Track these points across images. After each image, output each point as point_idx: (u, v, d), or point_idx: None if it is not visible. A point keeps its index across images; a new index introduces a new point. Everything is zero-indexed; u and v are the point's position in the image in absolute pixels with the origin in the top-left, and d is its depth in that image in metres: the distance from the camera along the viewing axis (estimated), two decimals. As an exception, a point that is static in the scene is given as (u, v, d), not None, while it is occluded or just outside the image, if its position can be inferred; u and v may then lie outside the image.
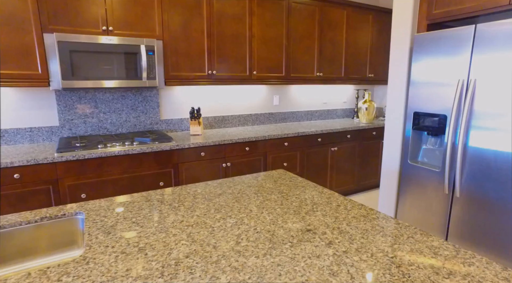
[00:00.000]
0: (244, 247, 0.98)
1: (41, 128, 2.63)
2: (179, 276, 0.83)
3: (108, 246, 0.98)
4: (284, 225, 1.13)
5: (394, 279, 0.82)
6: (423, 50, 1.99)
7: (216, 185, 1.55)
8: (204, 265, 0.88)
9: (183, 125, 3.20)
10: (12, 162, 2.05)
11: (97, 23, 2.43)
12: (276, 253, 0.95)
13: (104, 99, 2.81)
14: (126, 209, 1.27)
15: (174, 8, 2.68)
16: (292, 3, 3.24)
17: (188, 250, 0.96)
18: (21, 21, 2.20)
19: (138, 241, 1.01)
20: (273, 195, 1.42)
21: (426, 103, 2.02)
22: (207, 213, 1.23)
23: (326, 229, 1.10)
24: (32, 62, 2.27)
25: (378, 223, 1.15)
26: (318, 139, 3.32)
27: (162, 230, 1.09)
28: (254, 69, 3.13)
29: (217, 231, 1.08)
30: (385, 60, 4.06)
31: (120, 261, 0.90)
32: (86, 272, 0.85)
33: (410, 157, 2.17)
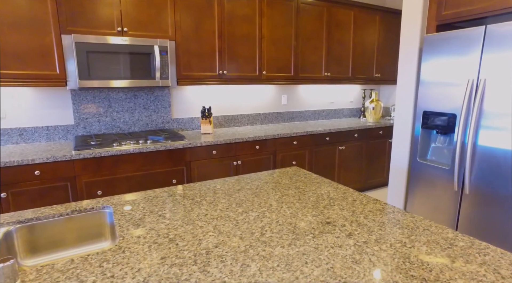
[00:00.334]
0: (269, 238, 1.03)
1: (57, 127, 2.69)
2: (212, 264, 0.89)
3: (140, 237, 1.04)
4: (305, 218, 1.18)
5: (414, 267, 0.87)
6: (433, 50, 2.04)
7: (234, 181, 1.60)
8: (233, 254, 0.93)
9: (194, 124, 3.26)
10: (33, 159, 2.12)
11: (112, 24, 2.49)
12: (300, 243, 1.00)
13: (118, 99, 2.88)
14: (151, 203, 1.33)
15: (186, 9, 2.73)
16: (301, 3, 3.29)
17: (217, 241, 1.01)
18: (41, 23, 2.26)
19: (167, 233, 1.07)
20: (290, 191, 1.47)
21: (435, 102, 2.06)
22: (229, 207, 1.28)
23: (344, 222, 1.15)
24: (50, 63, 2.34)
25: (393, 216, 1.20)
26: (326, 138, 3.37)
27: (189, 222, 1.15)
28: (264, 69, 3.19)
29: (241, 223, 1.14)
30: (391, 60, 4.10)
31: (153, 250, 0.96)
32: (124, 260, 0.91)
33: (419, 155, 2.22)
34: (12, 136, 2.55)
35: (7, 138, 2.53)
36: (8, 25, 2.17)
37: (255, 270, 0.86)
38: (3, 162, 2.04)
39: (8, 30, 2.17)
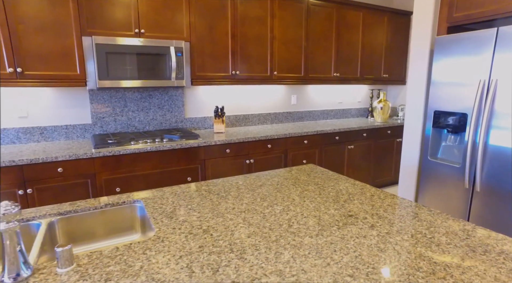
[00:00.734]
0: (296, 229, 1.10)
1: (75, 126, 2.77)
2: (247, 252, 0.95)
3: (175, 228, 1.11)
4: (327, 211, 1.24)
5: (436, 255, 0.93)
6: (444, 51, 2.09)
7: (254, 178, 1.67)
8: (266, 243, 1.00)
9: (206, 123, 3.33)
10: (56, 157, 2.19)
11: (130, 26, 2.56)
12: (327, 233, 1.07)
13: (133, 98, 2.95)
14: (179, 198, 1.40)
15: (201, 11, 2.80)
16: (311, 5, 3.35)
17: (248, 232, 1.08)
18: (64, 26, 2.34)
19: (200, 224, 1.14)
20: (310, 186, 1.54)
21: (446, 102, 2.12)
22: (254, 201, 1.35)
23: (366, 215, 1.21)
24: (71, 64, 2.42)
25: (411, 210, 1.26)
26: (336, 137, 3.43)
27: (218, 215, 1.21)
28: (275, 70, 3.25)
29: (268, 216, 1.20)
30: (399, 61, 4.15)
31: (190, 240, 1.02)
32: (164, 248, 0.97)
33: (430, 154, 2.27)
34: (34, 134, 2.63)
35: (29, 136, 2.61)
36: (34, 28, 2.25)
37: (289, 257, 0.93)
38: (28, 159, 2.11)
39: (33, 33, 2.25)
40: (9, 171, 2.09)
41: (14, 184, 2.12)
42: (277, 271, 0.86)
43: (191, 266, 0.88)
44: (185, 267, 0.87)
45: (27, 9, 2.22)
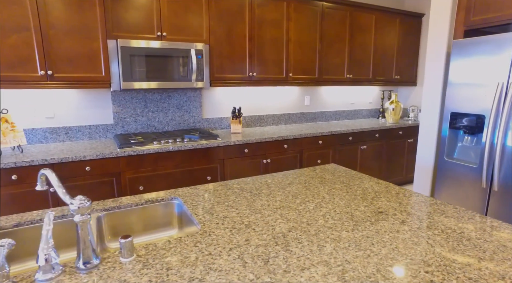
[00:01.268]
0: (332, 224, 1.17)
1: (98, 126, 2.86)
2: (291, 245, 1.02)
3: (218, 223, 1.18)
4: (358, 208, 1.31)
5: (468, 249, 1.00)
6: (462, 54, 2.15)
7: (281, 176, 1.74)
8: (307, 237, 1.07)
9: (223, 123, 3.41)
10: (84, 156, 2.28)
11: (153, 29, 2.65)
12: (362, 228, 1.14)
13: (153, 99, 3.03)
14: (214, 195, 1.47)
15: (220, 14, 2.88)
16: (325, 8, 3.42)
17: (288, 226, 1.15)
18: (91, 29, 2.42)
19: (241, 220, 1.21)
20: (337, 185, 1.60)
21: (463, 104, 2.18)
22: (286, 199, 1.42)
23: (395, 211, 1.28)
24: (97, 66, 2.50)
25: (438, 207, 1.33)
26: (349, 138, 3.49)
27: (256, 211, 1.29)
28: (290, 71, 3.32)
29: (303, 212, 1.28)
30: (410, 62, 4.21)
31: (235, 234, 1.10)
32: (213, 241, 1.05)
33: (446, 154, 2.33)
34: (60, 134, 2.72)
35: (55, 136, 2.70)
36: (63, 32, 2.34)
37: (331, 249, 1.00)
38: (59, 158, 2.20)
39: (63, 37, 2.34)
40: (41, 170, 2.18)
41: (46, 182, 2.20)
42: (323, 262, 0.93)
43: (242, 257, 0.95)
44: (237, 258, 0.94)
45: (58, 15, 2.30)
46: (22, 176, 2.13)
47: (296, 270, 0.88)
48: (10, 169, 2.10)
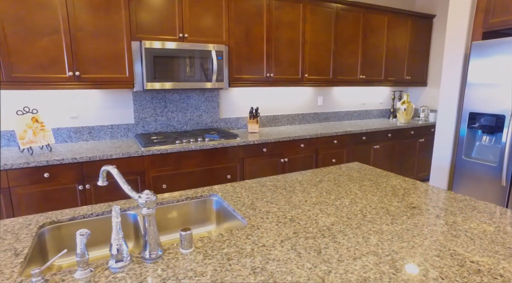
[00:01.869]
0: (371, 218, 1.23)
1: (119, 126, 2.92)
2: (338, 237, 1.08)
3: (263, 218, 1.24)
4: (391, 204, 1.37)
5: (506, 241, 1.06)
6: (481, 56, 2.21)
7: (310, 174, 1.80)
8: (350, 230, 1.13)
9: (239, 123, 3.47)
10: (111, 155, 2.34)
11: (175, 31, 2.71)
12: (400, 222, 1.19)
13: (172, 99, 3.10)
14: (250, 192, 1.53)
15: (239, 17, 2.94)
16: (340, 10, 3.48)
17: (330, 221, 1.21)
18: (116, 31, 2.49)
19: (284, 214, 1.27)
20: (365, 182, 1.66)
21: (482, 104, 2.24)
22: (321, 195, 1.48)
23: (427, 207, 1.34)
24: (121, 67, 2.56)
25: (468, 203, 1.39)
26: (363, 138, 3.55)
27: (295, 207, 1.35)
28: (306, 72, 3.38)
29: (341, 207, 1.33)
30: (421, 63, 4.26)
31: (282, 227, 1.16)
32: (263, 234, 1.11)
33: (464, 153, 2.39)
34: (83, 134, 2.78)
35: (78, 135, 2.77)
36: (90, 34, 2.40)
37: (376, 241, 1.06)
38: (87, 156, 2.26)
39: (90, 39, 2.40)
40: (71, 168, 2.24)
41: (75, 180, 2.27)
42: (372, 252, 0.99)
43: (295, 248, 1.01)
44: (291, 249, 1.00)
45: (86, 18, 2.37)
46: (53, 174, 2.19)
47: (349, 259, 0.94)
48: (43, 167, 2.16)
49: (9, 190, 2.09)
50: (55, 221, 1.22)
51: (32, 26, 2.23)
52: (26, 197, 2.15)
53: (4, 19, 2.14)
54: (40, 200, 2.18)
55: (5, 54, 2.17)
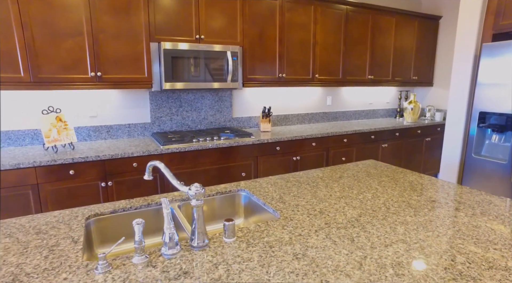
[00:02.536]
0: (395, 211, 1.31)
1: (137, 125, 3.00)
2: (367, 227, 1.16)
3: (293, 210, 1.33)
4: (412, 198, 1.45)
5: (523, 231, 1.14)
6: (491, 57, 2.29)
7: (329, 171, 1.88)
8: (377, 221, 1.21)
9: (251, 122, 3.55)
10: (132, 153, 2.42)
11: (192, 33, 2.79)
12: (422, 214, 1.28)
13: (187, 99, 3.18)
14: (276, 187, 1.61)
15: (253, 18, 3.02)
16: (349, 11, 3.56)
17: (356, 213, 1.29)
18: (136, 33, 2.56)
19: (313, 207, 1.35)
20: (383, 178, 1.75)
21: (492, 104, 2.32)
22: (343, 190, 1.56)
23: (446, 200, 1.42)
24: (140, 67, 2.64)
25: (484, 197, 1.47)
26: (372, 136, 3.63)
27: (322, 200, 1.43)
28: (316, 72, 3.46)
29: (364, 201, 1.42)
30: (427, 63, 4.34)
31: (314, 219, 1.24)
32: (297, 225, 1.19)
33: (474, 151, 2.47)
34: (102, 132, 2.86)
35: (97, 134, 2.85)
36: (111, 36, 2.48)
37: (403, 231, 1.14)
38: (110, 154, 2.34)
39: (111, 40, 2.48)
40: (94, 166, 2.32)
41: (98, 177, 2.35)
42: (401, 240, 1.07)
43: (330, 237, 1.09)
44: (326, 238, 1.09)
45: (107, 20, 2.44)
46: (78, 171, 2.27)
47: (381, 246, 1.03)
48: (68, 164, 2.24)
49: (38, 187, 2.18)
50: (98, 213, 1.31)
51: (57, 29, 2.31)
52: (53, 193, 2.23)
53: (33, 23, 2.22)
54: (66, 196, 2.26)
55: (33, 56, 2.25)
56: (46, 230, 1.14)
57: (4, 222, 1.20)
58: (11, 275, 0.87)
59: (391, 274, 0.88)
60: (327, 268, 0.91)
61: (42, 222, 1.20)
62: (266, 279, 0.86)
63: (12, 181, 2.09)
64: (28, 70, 2.26)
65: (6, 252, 0.99)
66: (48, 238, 1.08)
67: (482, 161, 2.42)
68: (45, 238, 1.08)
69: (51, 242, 1.06)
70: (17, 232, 1.12)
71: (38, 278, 0.86)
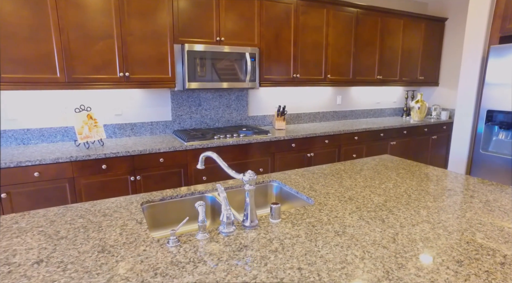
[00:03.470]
0: (416, 197, 1.46)
1: (158, 122, 3.15)
2: (393, 211, 1.31)
3: (325, 197, 1.47)
4: (429, 187, 1.60)
5: (532, 214, 1.29)
6: (499, 58, 2.44)
7: (350, 164, 2.03)
8: (402, 206, 1.36)
9: (266, 120, 3.70)
10: (159, 149, 2.57)
11: (212, 35, 2.94)
12: (440, 200, 1.42)
13: (206, 98, 3.32)
14: (303, 178, 1.76)
15: (269, 21, 3.17)
16: (360, 14, 3.71)
17: (382, 199, 1.44)
18: (161, 35, 2.71)
19: (342, 195, 1.50)
20: (400, 171, 1.89)
21: (500, 102, 2.47)
22: (366, 180, 1.71)
23: (461, 190, 1.57)
24: (165, 68, 2.79)
25: (496, 187, 1.62)
26: (381, 134, 3.78)
27: (349, 189, 1.58)
28: (328, 73, 3.61)
29: (387, 190, 1.56)
30: (433, 64, 4.49)
31: (345, 204, 1.39)
32: (332, 209, 1.34)
33: (482, 148, 2.62)
34: (126, 130, 3.01)
35: (122, 131, 3.00)
36: (138, 38, 2.63)
37: (426, 213, 1.29)
38: (138, 150, 2.49)
39: (138, 42, 2.63)
40: (124, 161, 2.47)
41: (127, 171, 2.49)
42: (425, 221, 1.22)
43: (363, 218, 1.24)
44: (359, 219, 1.23)
45: (135, 23, 2.59)
46: (109, 165, 2.42)
47: (408, 226, 1.18)
48: (101, 159, 2.39)
49: (74, 180, 2.32)
50: (149, 200, 1.45)
51: (90, 32, 2.45)
52: (87, 186, 2.37)
53: (69, 27, 2.36)
54: (98, 189, 2.41)
55: (68, 58, 2.40)
56: (110, 213, 1.28)
57: (71, 206, 1.35)
58: (99, 246, 1.02)
59: (422, 246, 1.03)
60: (366, 242, 1.06)
61: (103, 207, 1.35)
62: (316, 251, 1.01)
63: (52, 174, 2.23)
64: (64, 71, 2.41)
65: (85, 229, 1.14)
66: (115, 220, 1.23)
67: (490, 157, 2.57)
68: (112, 219, 1.23)
69: (119, 222, 1.20)
70: (86, 214, 1.27)
71: (122, 249, 1.01)
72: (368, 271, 0.90)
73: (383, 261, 0.95)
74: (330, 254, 0.98)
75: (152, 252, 1.00)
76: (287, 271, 0.90)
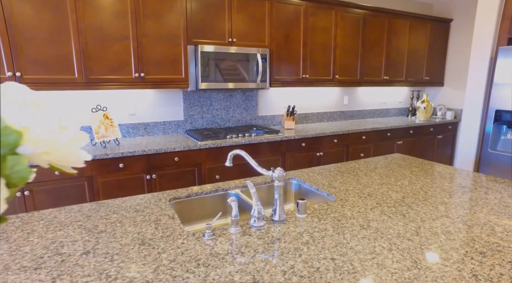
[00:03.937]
0: (432, 194, 1.51)
1: (171, 122, 3.21)
2: (412, 206, 1.37)
3: (345, 194, 1.53)
4: (444, 184, 1.66)
5: (546, 209, 1.34)
6: (507, 59, 2.50)
7: (363, 163, 2.09)
8: (420, 202, 1.42)
9: (275, 120, 3.76)
10: (174, 148, 2.62)
11: (224, 36, 2.99)
12: (456, 196, 1.48)
13: (217, 98, 3.38)
14: (321, 176, 1.82)
15: (279, 23, 3.22)
16: (367, 15, 3.77)
17: (400, 196, 1.50)
18: (175, 37, 2.77)
19: (361, 191, 1.56)
20: (413, 169, 1.95)
21: (508, 102, 2.53)
22: (381, 178, 1.77)
23: (475, 186, 1.63)
24: (178, 68, 2.85)
25: (508, 184, 1.67)
26: (388, 134, 3.84)
27: (367, 186, 1.63)
28: (336, 73, 3.67)
29: (403, 187, 1.62)
30: (439, 64, 4.55)
31: (365, 200, 1.44)
32: (354, 204, 1.39)
33: (490, 147, 2.68)
34: (139, 129, 3.07)
35: (135, 131, 3.05)
36: (153, 39, 2.68)
37: (444, 209, 1.34)
38: (154, 149, 2.55)
39: (153, 43, 2.69)
40: (140, 159, 2.53)
41: (143, 170, 2.55)
42: (444, 216, 1.27)
43: (384, 213, 1.30)
44: (381, 214, 1.29)
45: (150, 25, 2.65)
46: (126, 164, 2.48)
47: (429, 220, 1.23)
48: (118, 158, 2.44)
49: (92, 178, 2.38)
50: (176, 197, 1.51)
51: (107, 34, 2.51)
52: (104, 184, 2.43)
53: (87, 29, 2.42)
54: (115, 187, 2.47)
55: (86, 59, 2.46)
56: (142, 209, 1.34)
57: (103, 202, 1.40)
58: (138, 239, 1.08)
59: (444, 239, 1.09)
60: (391, 235, 1.12)
61: (133, 203, 1.41)
62: (345, 243, 1.06)
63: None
64: (82, 72, 2.47)
65: (122, 224, 1.20)
66: (148, 215, 1.28)
67: (498, 155, 2.63)
68: (145, 215, 1.29)
69: (153, 217, 1.26)
70: (119, 210, 1.33)
71: (161, 242, 1.07)
72: (397, 261, 0.95)
73: (409, 252, 1.01)
74: (359, 246, 1.04)
75: (190, 245, 1.05)
76: (322, 261, 0.95)
